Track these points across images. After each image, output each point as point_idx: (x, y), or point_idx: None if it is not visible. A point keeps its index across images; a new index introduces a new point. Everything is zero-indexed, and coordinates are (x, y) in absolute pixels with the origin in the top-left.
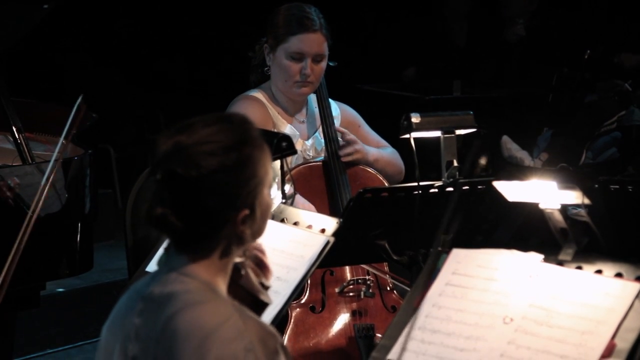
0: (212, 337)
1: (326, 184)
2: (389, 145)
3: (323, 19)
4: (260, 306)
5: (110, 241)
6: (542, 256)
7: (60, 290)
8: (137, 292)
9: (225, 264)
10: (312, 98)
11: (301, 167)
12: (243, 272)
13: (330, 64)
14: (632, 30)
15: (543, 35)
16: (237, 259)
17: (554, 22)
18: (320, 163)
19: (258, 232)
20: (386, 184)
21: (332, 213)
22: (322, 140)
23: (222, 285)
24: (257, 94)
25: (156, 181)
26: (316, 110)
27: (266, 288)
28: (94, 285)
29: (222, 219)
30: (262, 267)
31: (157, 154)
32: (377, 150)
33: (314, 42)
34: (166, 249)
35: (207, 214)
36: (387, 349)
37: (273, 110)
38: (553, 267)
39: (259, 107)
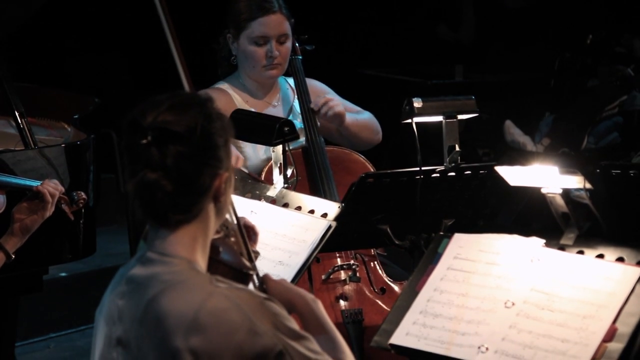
0: (202, 311)
1: (307, 169)
2: (364, 111)
3: None
4: (243, 278)
5: (112, 225)
6: (543, 241)
7: (63, 274)
8: (121, 274)
9: (204, 239)
10: (283, 80)
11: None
12: (221, 248)
13: (308, 47)
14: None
15: (545, 19)
16: (215, 236)
17: (556, 6)
18: (300, 150)
19: (226, 205)
20: (371, 168)
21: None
22: (296, 122)
23: (202, 262)
24: (223, 85)
25: (144, 146)
26: (288, 91)
27: (255, 256)
28: (97, 269)
29: (208, 178)
30: (251, 233)
31: (142, 123)
32: (350, 114)
33: (275, 23)
34: (143, 237)
35: (197, 171)
36: (389, 333)
37: (239, 99)
38: (554, 252)
39: (223, 97)
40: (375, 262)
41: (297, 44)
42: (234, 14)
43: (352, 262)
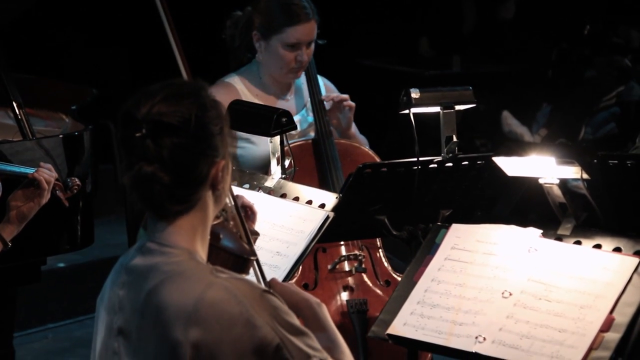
0: (200, 303)
1: (316, 161)
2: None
3: (311, 1)
4: (244, 264)
5: (110, 216)
6: (540, 231)
7: (61, 265)
8: (121, 264)
9: (204, 229)
10: None
11: (291, 145)
12: (221, 234)
13: (320, 42)
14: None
15: (542, 10)
16: (214, 221)
17: None
18: (311, 141)
19: (224, 193)
20: (378, 160)
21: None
22: (309, 117)
23: (202, 252)
24: (234, 79)
25: (139, 139)
26: (303, 86)
27: (254, 238)
28: (95, 260)
29: (205, 167)
30: (249, 212)
31: (136, 116)
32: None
33: (310, 30)
34: (143, 226)
35: (193, 161)
36: (387, 323)
37: (248, 94)
38: (552, 242)
39: (229, 93)
40: (381, 254)
41: None
42: (268, 15)
43: (358, 252)
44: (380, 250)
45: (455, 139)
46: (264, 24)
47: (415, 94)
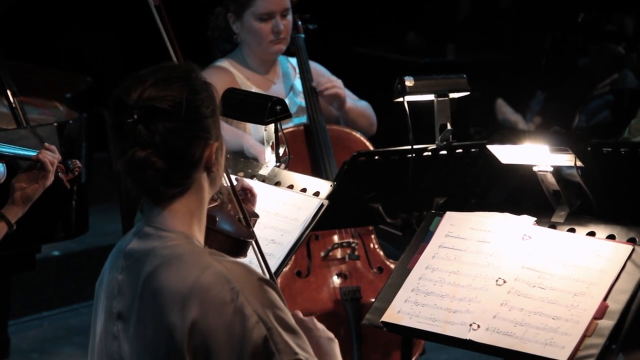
0: (195, 287)
1: (308, 147)
2: (360, 100)
3: None
4: (242, 246)
5: (105, 204)
6: (534, 219)
7: (56, 253)
8: (119, 249)
9: (200, 212)
10: (284, 59)
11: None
12: (218, 217)
13: (310, 26)
14: None
15: None
16: (211, 204)
17: None
18: (302, 127)
19: (219, 175)
20: (370, 146)
21: (315, 176)
22: (297, 100)
23: (199, 235)
24: (224, 62)
25: (131, 125)
26: (289, 70)
27: (253, 222)
28: (90, 248)
29: (199, 150)
30: (249, 194)
31: (127, 101)
32: (350, 100)
33: None
34: (140, 209)
35: (186, 144)
36: (381, 311)
37: (241, 77)
38: (545, 230)
39: (224, 75)
40: (374, 241)
41: (299, 23)
42: None
43: (351, 240)
44: (373, 237)
45: (449, 127)
46: (235, 3)
47: (409, 81)
